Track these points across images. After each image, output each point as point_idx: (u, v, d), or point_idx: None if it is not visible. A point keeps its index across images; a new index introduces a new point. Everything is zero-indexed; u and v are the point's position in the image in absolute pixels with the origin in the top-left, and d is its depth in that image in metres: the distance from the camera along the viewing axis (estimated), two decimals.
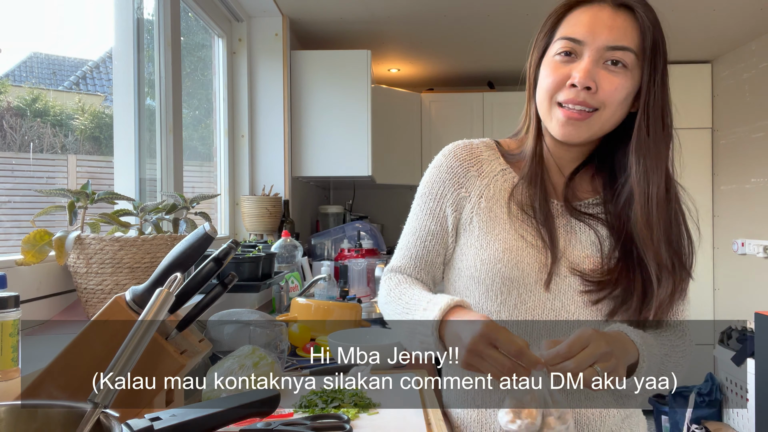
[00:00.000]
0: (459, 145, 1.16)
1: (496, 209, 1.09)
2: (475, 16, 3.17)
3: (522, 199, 1.08)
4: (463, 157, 1.14)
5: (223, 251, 0.87)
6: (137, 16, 1.94)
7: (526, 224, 1.06)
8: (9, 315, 0.89)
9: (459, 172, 1.13)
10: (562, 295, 1.04)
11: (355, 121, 3.19)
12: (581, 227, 1.06)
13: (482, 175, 1.12)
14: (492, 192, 1.10)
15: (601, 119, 1.00)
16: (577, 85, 0.98)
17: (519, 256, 1.04)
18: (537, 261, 1.04)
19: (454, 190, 1.12)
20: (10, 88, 1.60)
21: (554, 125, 1.02)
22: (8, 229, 1.50)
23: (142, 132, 1.95)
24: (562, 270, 1.04)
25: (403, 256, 1.17)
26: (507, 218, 1.08)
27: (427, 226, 1.14)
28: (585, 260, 1.04)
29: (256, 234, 2.80)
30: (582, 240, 1.05)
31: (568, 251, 1.05)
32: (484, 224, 1.09)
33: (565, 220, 1.07)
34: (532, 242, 1.05)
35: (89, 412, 0.61)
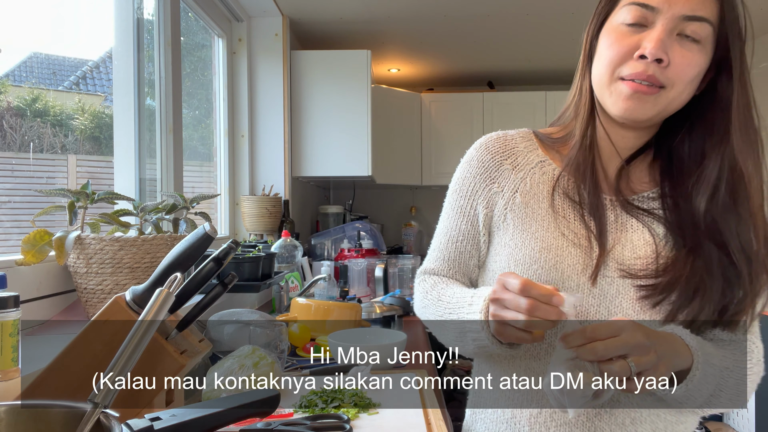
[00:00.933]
0: (491, 137, 1.06)
1: (534, 204, 0.98)
2: (475, 16, 3.17)
3: (567, 192, 0.96)
4: (495, 150, 1.04)
5: (223, 251, 0.87)
6: (137, 16, 1.94)
7: (570, 220, 0.95)
8: (9, 315, 0.89)
9: (491, 166, 1.03)
10: (611, 299, 0.91)
11: (355, 121, 3.19)
12: (634, 225, 0.94)
13: (517, 168, 1.01)
14: (528, 186, 0.99)
15: (668, 98, 0.88)
16: (647, 57, 0.85)
17: (559, 256, 0.93)
18: (580, 262, 0.92)
19: (486, 185, 1.02)
20: (10, 88, 1.60)
21: (615, 100, 0.90)
22: (8, 229, 1.50)
23: (142, 132, 1.95)
24: (611, 271, 0.91)
25: (435, 258, 1.08)
26: (546, 214, 0.96)
27: (458, 226, 1.05)
28: (636, 262, 0.91)
29: (256, 234, 2.80)
30: (634, 240, 0.93)
31: (617, 251, 0.92)
32: (519, 221, 0.98)
33: (614, 216, 0.95)
34: (575, 241, 0.93)
35: (89, 412, 0.61)
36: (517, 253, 0.96)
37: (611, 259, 0.92)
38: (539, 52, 3.87)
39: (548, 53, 3.88)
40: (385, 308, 2.28)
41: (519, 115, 4.23)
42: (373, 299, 2.44)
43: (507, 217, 0.99)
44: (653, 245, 0.92)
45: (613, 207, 0.96)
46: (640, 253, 0.92)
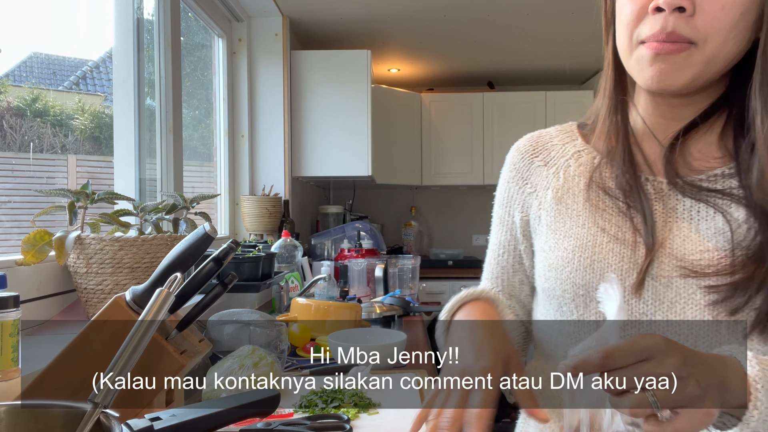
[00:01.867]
0: (524, 137, 0.97)
1: (568, 199, 0.85)
2: (475, 16, 3.17)
3: (605, 180, 0.82)
4: (525, 149, 0.94)
5: (223, 251, 0.87)
6: (137, 16, 1.94)
7: (611, 212, 0.80)
8: (9, 315, 0.89)
9: (521, 167, 0.93)
10: (669, 306, 0.73)
11: (355, 121, 3.19)
12: (701, 211, 0.76)
13: (549, 163, 0.90)
14: (561, 180, 0.87)
15: (704, 56, 0.71)
16: (663, 8, 0.70)
17: (596, 254, 0.78)
18: (623, 258, 0.76)
19: (519, 188, 0.92)
20: (10, 88, 1.60)
21: (638, 69, 0.74)
22: (8, 229, 1.50)
23: (142, 132, 1.95)
24: (667, 270, 0.74)
25: (484, 277, 0.98)
26: (583, 209, 0.83)
27: (498, 239, 0.95)
28: (703, 256, 0.73)
29: (256, 234, 2.80)
30: (700, 228, 0.75)
31: (675, 245, 0.75)
32: (552, 220, 0.86)
33: (666, 203, 0.78)
34: (616, 234, 0.78)
35: (89, 412, 0.61)
36: (551, 257, 0.84)
37: (667, 254, 0.74)
38: (539, 52, 3.87)
39: (548, 53, 3.88)
40: (385, 308, 2.28)
41: (519, 115, 4.23)
42: (373, 299, 2.44)
43: (541, 219, 0.88)
44: (728, 234, 0.73)
45: (663, 192, 0.79)
46: (709, 245, 0.73)
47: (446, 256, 4.24)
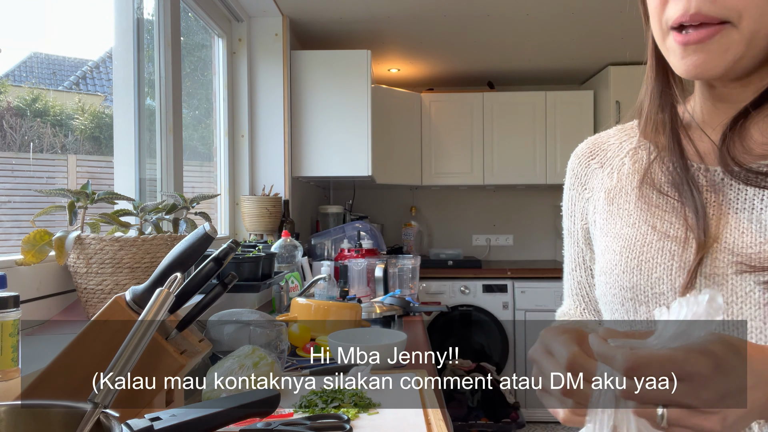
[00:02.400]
0: (584, 141, 0.92)
1: (620, 200, 0.80)
2: (475, 16, 3.17)
3: (656, 177, 0.77)
4: (582, 153, 0.89)
5: (223, 251, 0.87)
6: (137, 16, 1.94)
7: (663, 210, 0.74)
8: (9, 315, 0.89)
9: (579, 171, 0.88)
10: (725, 306, 0.67)
11: (355, 121, 3.19)
12: (765, 199, 0.69)
13: (605, 164, 0.85)
14: (615, 180, 0.82)
15: (743, 33, 0.64)
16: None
17: (644, 253, 0.73)
18: (674, 257, 0.70)
19: (579, 194, 0.88)
20: (10, 88, 1.60)
21: (673, 61, 0.70)
22: (8, 229, 1.50)
23: (142, 132, 1.95)
24: (722, 267, 0.67)
25: (565, 295, 0.93)
26: (635, 208, 0.77)
27: (569, 252, 0.91)
28: (763, 248, 0.66)
29: (256, 234, 2.80)
30: (762, 219, 0.67)
31: (731, 239, 0.68)
32: (604, 223, 0.81)
33: (733, 192, 0.71)
34: (667, 232, 0.72)
35: (89, 412, 0.61)
36: (602, 261, 0.79)
37: (722, 250, 0.68)
38: (539, 52, 3.87)
39: (548, 53, 3.88)
40: (385, 308, 2.28)
41: (519, 115, 4.23)
42: (373, 299, 2.44)
43: (596, 223, 0.83)
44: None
45: (719, 183, 0.72)
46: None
47: (446, 256, 4.24)
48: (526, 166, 4.21)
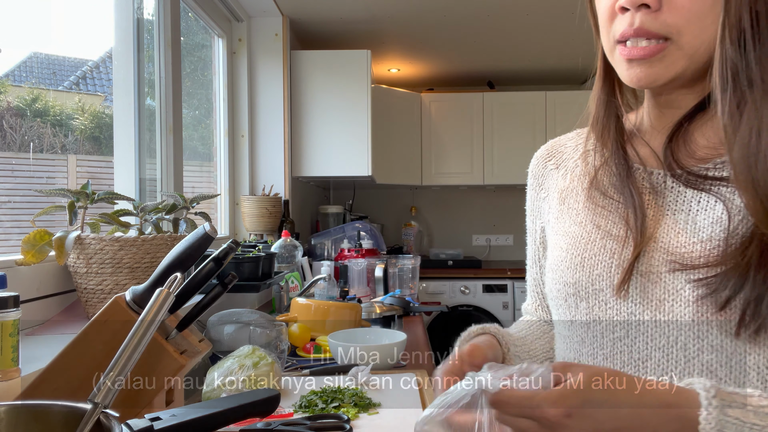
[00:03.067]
0: (545, 144, 0.96)
1: (570, 200, 0.83)
2: (475, 16, 3.17)
3: (603, 179, 0.79)
4: (540, 155, 0.94)
5: (223, 251, 0.87)
6: (137, 16, 1.94)
7: (608, 210, 0.76)
8: (9, 315, 0.89)
9: (537, 173, 0.93)
10: (657, 304, 0.68)
11: (355, 121, 3.19)
12: (702, 201, 0.70)
13: (560, 165, 0.89)
14: (568, 181, 0.85)
15: (684, 50, 0.67)
16: (628, 7, 0.67)
17: (587, 251, 0.75)
18: (614, 255, 0.72)
19: (536, 194, 0.92)
20: (10, 88, 1.60)
21: (620, 71, 0.73)
22: (8, 229, 1.50)
23: (142, 132, 1.95)
24: (656, 266, 0.69)
25: (527, 290, 0.97)
26: (583, 207, 0.80)
27: (529, 250, 0.94)
28: (694, 248, 0.67)
29: (256, 234, 2.80)
30: (698, 220, 0.69)
31: (667, 238, 0.70)
32: (556, 221, 0.84)
33: (672, 194, 0.73)
34: (610, 231, 0.74)
35: (89, 412, 0.61)
36: (550, 258, 0.83)
37: (657, 249, 0.70)
38: (539, 52, 3.87)
39: (548, 53, 3.88)
40: (385, 308, 2.28)
41: (519, 115, 4.23)
42: (373, 299, 2.44)
43: (550, 222, 0.87)
44: (725, 223, 0.66)
45: (660, 185, 0.74)
46: (703, 236, 0.67)
47: (446, 256, 4.24)
48: (526, 166, 4.18)
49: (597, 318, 0.72)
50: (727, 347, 0.63)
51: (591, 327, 0.73)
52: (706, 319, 0.64)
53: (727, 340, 0.63)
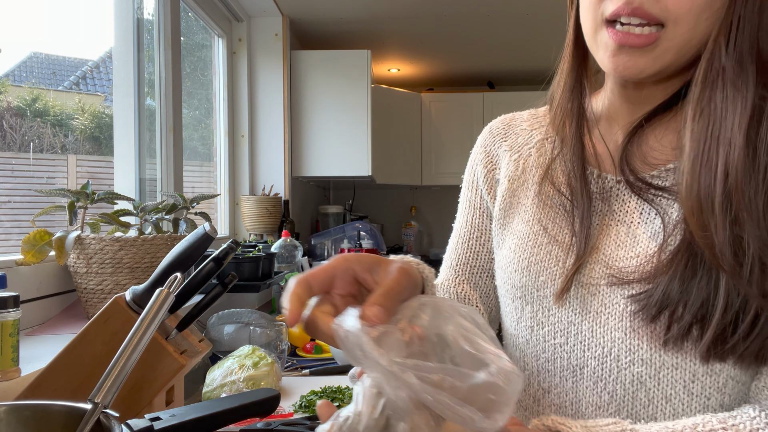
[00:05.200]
0: (499, 117, 0.90)
1: (520, 193, 0.79)
2: (475, 16, 3.17)
3: (555, 175, 0.75)
4: (497, 130, 0.87)
5: (223, 251, 0.87)
6: (137, 16, 1.94)
7: (556, 210, 0.73)
8: (9, 315, 0.89)
9: (491, 150, 0.86)
10: (594, 316, 0.67)
11: (355, 121, 3.19)
12: (644, 212, 0.68)
13: (514, 148, 0.83)
14: (520, 170, 0.80)
15: (676, 41, 0.63)
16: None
17: (534, 255, 0.73)
18: (558, 262, 0.71)
19: (488, 171, 0.85)
20: (10, 88, 1.60)
21: (601, 56, 0.67)
22: (8, 229, 1.50)
23: (142, 132, 1.95)
24: (596, 278, 0.68)
25: (443, 267, 0.90)
26: (531, 204, 0.77)
27: (468, 221, 0.87)
28: (631, 262, 0.66)
29: (256, 234, 2.80)
30: (638, 232, 0.67)
31: (609, 250, 0.68)
32: (503, 215, 0.80)
33: (619, 202, 0.70)
34: (556, 236, 0.72)
35: (89, 412, 0.61)
36: (499, 256, 0.80)
37: (598, 261, 0.68)
38: (539, 52, 3.87)
39: (548, 53, 3.88)
40: None
41: None
42: None
43: (497, 211, 0.82)
44: (661, 237, 0.65)
45: (610, 191, 0.71)
46: (639, 250, 0.66)
47: None
48: None
49: (540, 323, 0.72)
50: (656, 361, 0.63)
51: (535, 330, 0.72)
52: (638, 333, 0.64)
53: (656, 354, 0.63)
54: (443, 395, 0.43)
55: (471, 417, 0.42)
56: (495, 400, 0.44)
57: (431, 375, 0.43)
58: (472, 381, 0.44)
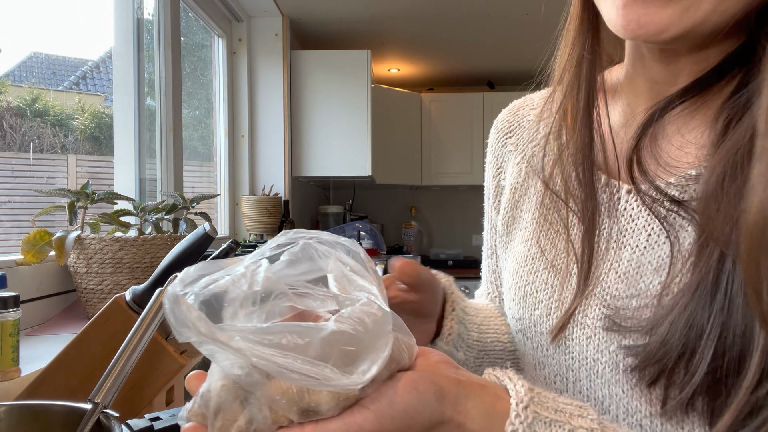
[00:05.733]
0: (508, 107, 0.77)
1: (523, 204, 0.65)
2: (475, 16, 3.17)
3: (558, 185, 0.60)
4: (501, 126, 0.74)
5: (223, 251, 0.87)
6: (137, 16, 1.94)
7: (555, 230, 0.60)
8: (9, 315, 0.89)
9: (497, 150, 0.73)
10: (590, 365, 0.54)
11: (355, 121, 3.19)
12: (652, 234, 0.53)
13: (519, 146, 0.68)
14: (523, 175, 0.66)
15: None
16: None
17: (529, 284, 0.61)
18: (553, 295, 0.58)
19: (493, 177, 0.73)
20: (10, 88, 1.60)
21: (608, 8, 0.49)
22: (8, 229, 1.50)
23: (142, 132, 1.95)
24: (591, 318, 0.54)
25: (482, 281, 0.81)
26: (531, 218, 0.63)
27: (486, 237, 0.78)
28: (630, 302, 0.52)
29: (256, 234, 2.80)
30: (642, 262, 0.52)
31: (609, 283, 0.54)
32: (505, 230, 0.68)
33: (626, 220, 0.55)
34: (553, 261, 0.59)
35: (89, 412, 0.61)
36: (503, 276, 0.67)
37: (596, 295, 0.55)
38: (539, 52, 3.87)
39: (548, 53, 3.88)
40: None
41: None
42: None
43: (503, 227, 0.69)
44: (666, 272, 0.50)
45: (618, 203, 0.55)
46: (641, 287, 0.51)
47: (446, 256, 4.24)
48: None
49: (540, 363, 0.60)
50: (656, 428, 0.50)
51: (537, 370, 0.60)
52: (636, 393, 0.50)
53: (657, 423, 0.49)
54: (282, 357, 0.33)
55: (326, 376, 0.33)
56: (353, 351, 0.34)
57: (269, 336, 0.34)
58: (321, 335, 0.34)
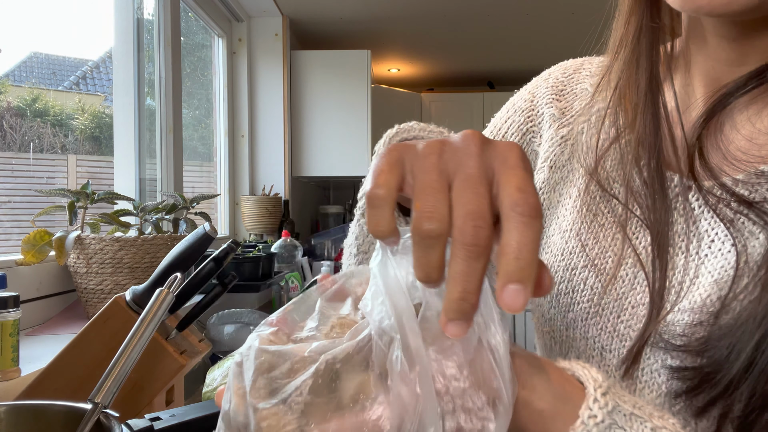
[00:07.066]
0: (563, 63, 0.65)
1: (563, 189, 0.56)
2: (475, 16, 3.17)
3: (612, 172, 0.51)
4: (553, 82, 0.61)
5: (223, 251, 0.87)
6: (137, 16, 1.94)
7: (600, 223, 0.51)
8: (9, 315, 0.89)
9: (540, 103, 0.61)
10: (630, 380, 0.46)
11: (355, 121, 3.19)
12: (716, 240, 0.45)
13: (566, 116, 0.57)
14: (567, 155, 0.56)
15: None
16: None
17: (564, 281, 0.52)
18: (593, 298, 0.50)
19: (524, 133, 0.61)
20: (10, 88, 1.60)
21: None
22: (8, 229, 1.50)
23: (142, 132, 1.95)
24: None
25: None
26: (573, 206, 0.54)
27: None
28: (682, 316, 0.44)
29: (256, 234, 2.80)
30: (701, 272, 0.45)
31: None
32: (547, 209, 0.58)
33: (685, 220, 0.46)
34: (595, 260, 0.50)
35: (89, 412, 0.61)
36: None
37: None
38: (539, 52, 3.87)
39: (548, 53, 3.88)
40: None
41: None
42: None
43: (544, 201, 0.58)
44: (728, 286, 0.42)
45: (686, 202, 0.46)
46: (697, 300, 0.43)
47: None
48: None
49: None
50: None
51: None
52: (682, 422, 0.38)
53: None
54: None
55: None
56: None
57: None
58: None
